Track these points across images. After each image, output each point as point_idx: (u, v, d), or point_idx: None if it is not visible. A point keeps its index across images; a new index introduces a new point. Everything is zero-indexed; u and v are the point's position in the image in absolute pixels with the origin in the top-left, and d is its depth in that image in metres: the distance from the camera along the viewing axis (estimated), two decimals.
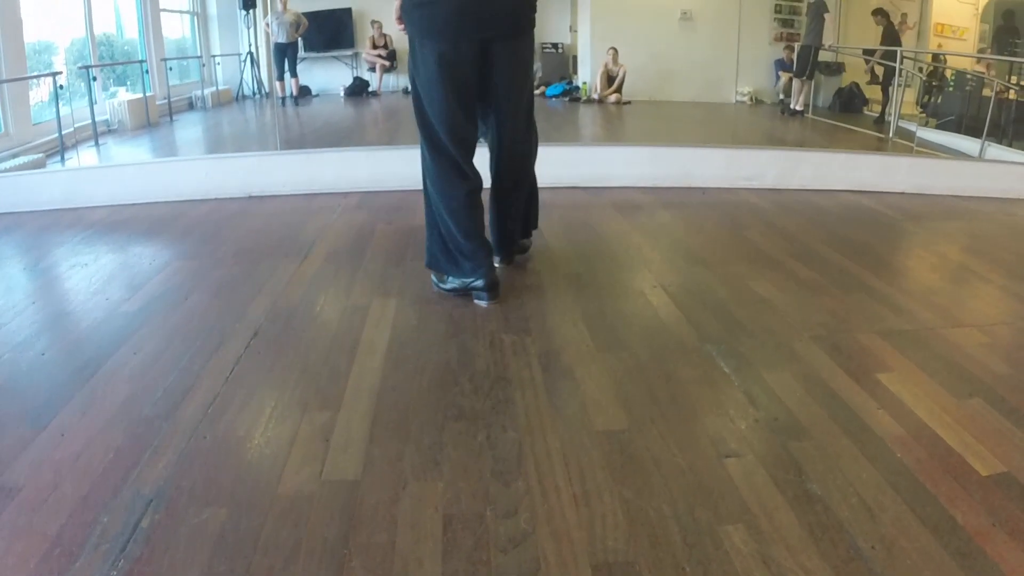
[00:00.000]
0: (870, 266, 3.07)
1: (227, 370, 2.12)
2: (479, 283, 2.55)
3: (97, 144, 6.40)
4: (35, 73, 6.49)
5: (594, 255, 3.18)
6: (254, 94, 9.06)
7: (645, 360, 2.19)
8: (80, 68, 6.77)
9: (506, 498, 1.54)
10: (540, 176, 2.95)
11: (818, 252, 3.24)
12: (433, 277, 2.73)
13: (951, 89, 8.38)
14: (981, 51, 9.84)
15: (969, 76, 8.08)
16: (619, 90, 9.06)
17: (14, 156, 5.41)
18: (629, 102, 8.99)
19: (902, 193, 4.47)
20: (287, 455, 1.70)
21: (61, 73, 6.37)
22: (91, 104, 6.48)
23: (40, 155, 5.68)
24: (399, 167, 4.17)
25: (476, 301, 2.58)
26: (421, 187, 2.67)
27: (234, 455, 1.73)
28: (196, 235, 3.56)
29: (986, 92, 7.12)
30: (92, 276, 2.99)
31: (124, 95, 7.59)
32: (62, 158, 5.86)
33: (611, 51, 9.04)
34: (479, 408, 1.89)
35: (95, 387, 2.05)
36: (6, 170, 4.90)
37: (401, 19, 2.58)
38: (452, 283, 2.64)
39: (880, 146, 6.66)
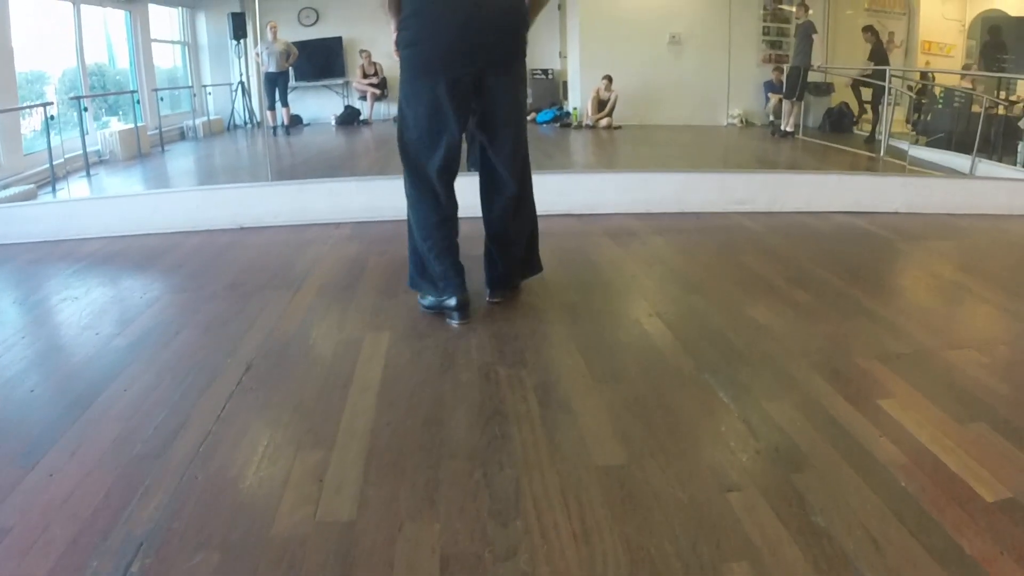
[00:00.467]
0: (866, 288, 3.06)
1: (219, 408, 2.08)
2: (450, 302, 2.64)
3: (88, 175, 6.39)
4: (26, 104, 6.49)
5: (589, 283, 3.16)
6: (245, 123, 9.06)
7: (643, 391, 2.16)
8: (71, 99, 6.78)
9: (504, 538, 1.50)
10: None
11: (814, 275, 3.23)
12: (420, 297, 2.82)
13: (940, 106, 8.43)
14: (967, 67, 9.90)
15: (957, 93, 8.13)
16: (610, 115, 9.09)
17: (5, 187, 5.39)
18: (620, 127, 9.01)
19: (895, 213, 4.47)
20: (280, 496, 1.66)
21: (52, 104, 6.38)
22: (82, 135, 6.48)
23: (31, 186, 5.67)
24: (391, 197, 4.09)
25: (448, 321, 2.67)
26: None
27: (226, 496, 1.69)
28: (187, 268, 3.54)
29: (975, 108, 7.16)
30: (83, 310, 2.96)
31: (116, 125, 7.58)
32: (53, 189, 5.84)
33: (605, 79, 9.08)
34: (475, 445, 1.85)
35: (85, 425, 2.02)
36: (2, 199, 4.88)
37: (398, 52, 2.63)
38: (428, 300, 2.76)
39: (872, 165, 6.68)
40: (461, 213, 2.73)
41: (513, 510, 1.59)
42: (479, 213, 2.81)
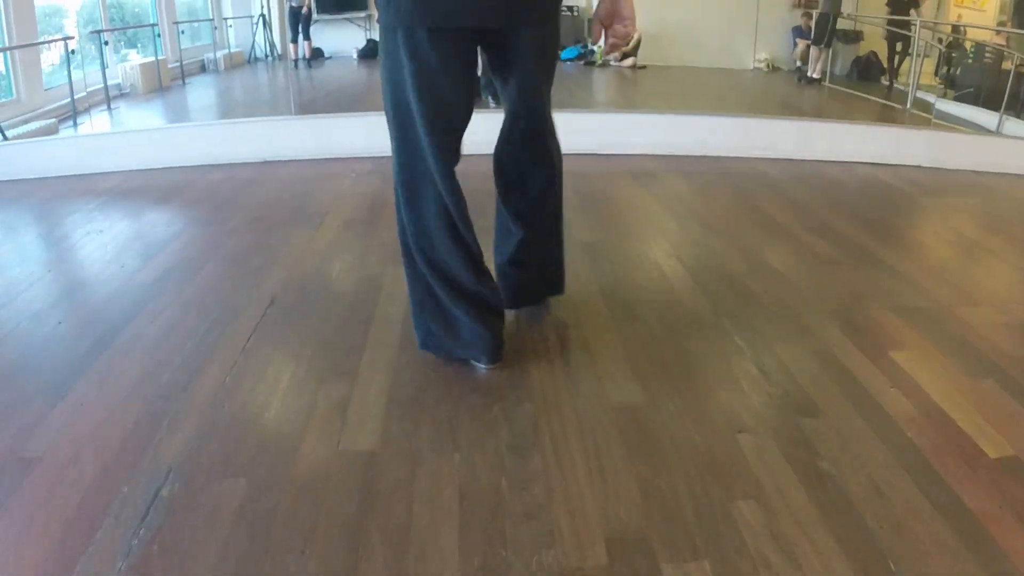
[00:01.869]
0: (885, 241, 3.06)
1: (243, 340, 2.14)
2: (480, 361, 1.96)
3: (109, 108, 6.40)
4: (46, 38, 6.47)
5: (609, 224, 3.17)
6: (266, 56, 9.00)
7: (660, 333, 2.20)
8: (91, 32, 6.75)
9: (522, 471, 1.56)
10: None
11: (833, 226, 3.23)
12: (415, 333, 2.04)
13: (970, 60, 8.26)
14: (1001, 23, 9.66)
15: (988, 48, 7.96)
16: (634, 54, 8.96)
17: (26, 122, 5.43)
18: (644, 67, 8.90)
19: (918, 167, 4.43)
20: (304, 427, 1.72)
21: (73, 38, 6.36)
22: (103, 68, 6.48)
23: (52, 120, 5.70)
24: None
25: (475, 364, 1.98)
26: None
27: (252, 426, 1.75)
28: (210, 202, 3.57)
29: (1005, 65, 7.01)
30: (107, 244, 3.01)
31: (135, 58, 7.56)
32: (74, 123, 5.87)
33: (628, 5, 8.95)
34: (494, 381, 1.90)
35: (112, 358, 2.07)
36: (19, 136, 4.92)
37: None
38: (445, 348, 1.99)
39: (897, 117, 6.59)
40: (476, 149, 2.09)
41: (531, 445, 1.65)
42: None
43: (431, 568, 1.31)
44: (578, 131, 4.29)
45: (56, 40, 6.47)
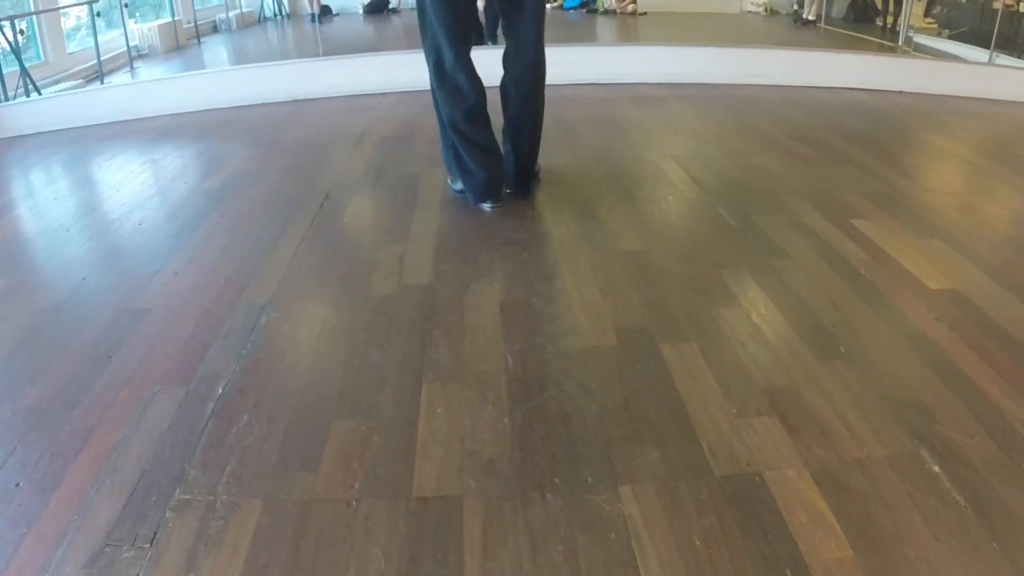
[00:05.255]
0: (861, 147, 3.41)
1: (308, 221, 2.55)
2: (480, 187, 2.62)
3: (132, 68, 6.71)
4: (72, 2, 6.79)
5: (614, 134, 3.56)
6: (275, 15, 9.32)
7: (658, 207, 2.62)
8: None
9: (548, 291, 1.98)
10: (561, 75, 3.19)
11: (816, 135, 3.59)
12: (448, 178, 2.86)
13: (963, 0, 8.48)
14: None
15: None
16: (635, 0, 9.25)
17: (55, 83, 5.74)
18: (645, 13, 9.18)
19: (902, 92, 4.75)
20: (370, 272, 2.14)
21: (98, 0, 6.68)
22: (125, 29, 6.77)
23: (80, 81, 6.01)
24: None
25: (481, 206, 2.64)
26: None
27: (328, 274, 2.17)
28: (255, 132, 3.96)
29: (997, 4, 7.24)
30: (167, 168, 3.38)
31: (133, 26, 7.74)
32: (101, 80, 6.20)
33: None
34: (522, 238, 2.33)
35: (196, 242, 2.47)
36: (57, 92, 5.27)
37: None
38: (459, 184, 2.73)
39: (889, 54, 6.86)
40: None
41: (554, 275, 2.07)
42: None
43: (483, 352, 1.73)
44: (583, 63, 4.66)
45: (82, 3, 6.79)
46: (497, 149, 2.64)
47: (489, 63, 2.74)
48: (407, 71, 4.66)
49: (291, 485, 1.35)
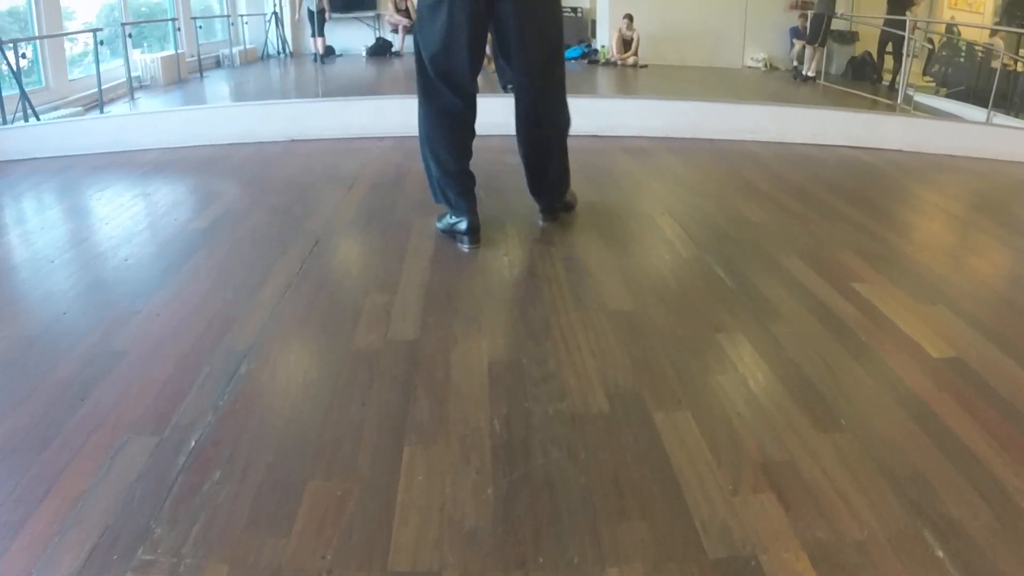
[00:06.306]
0: (856, 204, 3.38)
1: (296, 266, 2.49)
2: (461, 226, 2.66)
3: (132, 98, 6.71)
4: (74, 30, 6.81)
5: (608, 187, 3.53)
6: (278, 53, 9.39)
7: (651, 262, 2.58)
8: (119, 26, 7.08)
9: (538, 351, 1.92)
10: None
11: (810, 192, 3.57)
12: (437, 219, 2.85)
13: (962, 59, 8.59)
14: (997, 23, 10.00)
15: (979, 48, 8.29)
16: (635, 53, 9.34)
17: (55, 109, 5.74)
18: (646, 65, 9.26)
19: (899, 150, 4.76)
20: (356, 322, 2.08)
21: (102, 29, 6.70)
22: (126, 59, 6.79)
23: (79, 108, 6.01)
24: None
25: (459, 245, 2.67)
26: None
27: (312, 322, 2.11)
28: (246, 170, 3.92)
29: (994, 64, 7.33)
30: (157, 203, 3.35)
31: (137, 56, 7.77)
32: (101, 109, 6.19)
33: (626, 17, 9.33)
34: (513, 295, 2.27)
35: (180, 281, 2.42)
36: (55, 118, 5.25)
37: None
38: (443, 222, 2.77)
39: (886, 111, 6.91)
40: (492, 131, 2.96)
41: (544, 335, 2.01)
42: (510, 131, 2.84)
43: (468, 413, 1.66)
44: (578, 115, 4.61)
45: (86, 31, 6.82)
46: (473, 198, 2.70)
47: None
48: (402, 116, 4.63)
49: (260, 549, 1.28)
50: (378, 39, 10.21)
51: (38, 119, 5.16)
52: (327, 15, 9.24)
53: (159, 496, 1.40)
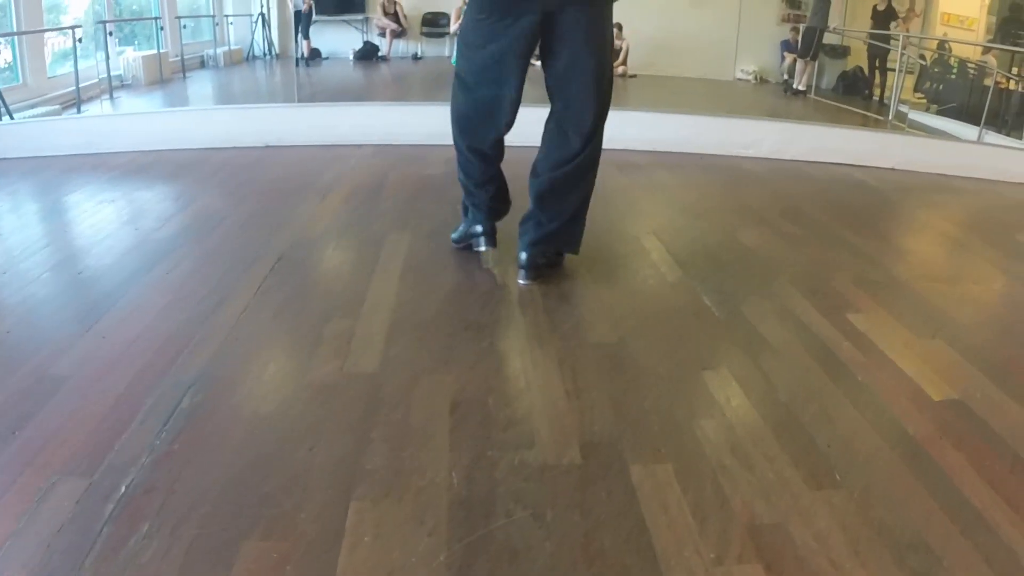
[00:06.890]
0: (851, 227, 3.25)
1: (256, 285, 2.33)
2: (477, 228, 2.55)
3: (112, 98, 6.54)
4: (55, 27, 6.63)
5: (593, 205, 3.35)
6: (264, 55, 9.21)
7: (636, 291, 2.41)
8: (97, 23, 6.91)
9: (507, 390, 1.76)
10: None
11: (804, 212, 3.44)
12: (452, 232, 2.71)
13: (953, 76, 8.51)
14: (989, 42, 9.95)
15: (971, 65, 8.21)
16: (624, 63, 9.21)
17: (32, 107, 5.57)
18: (635, 75, 9.13)
19: (892, 169, 4.64)
20: (313, 352, 1.91)
21: (80, 27, 6.53)
22: (107, 58, 6.62)
23: (57, 107, 5.84)
24: (411, 123, 4.38)
25: (475, 248, 2.60)
26: (431, 142, 2.90)
27: (265, 351, 1.95)
28: (219, 177, 3.75)
29: (987, 82, 7.25)
30: (122, 210, 3.18)
31: (131, 54, 7.69)
32: (78, 108, 6.02)
33: (615, 27, 9.22)
34: (485, 321, 2.11)
35: (133, 298, 2.25)
36: (30, 117, 5.08)
37: None
38: (458, 232, 2.65)
39: (878, 128, 6.82)
40: (522, 142, 2.57)
41: (516, 370, 1.85)
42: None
43: (425, 463, 1.50)
44: None
45: (65, 28, 6.64)
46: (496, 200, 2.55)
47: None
48: (384, 123, 4.51)
49: None
50: (365, 43, 10.03)
51: (11, 117, 4.99)
52: (312, 14, 9.08)
53: (82, 550, 1.25)
